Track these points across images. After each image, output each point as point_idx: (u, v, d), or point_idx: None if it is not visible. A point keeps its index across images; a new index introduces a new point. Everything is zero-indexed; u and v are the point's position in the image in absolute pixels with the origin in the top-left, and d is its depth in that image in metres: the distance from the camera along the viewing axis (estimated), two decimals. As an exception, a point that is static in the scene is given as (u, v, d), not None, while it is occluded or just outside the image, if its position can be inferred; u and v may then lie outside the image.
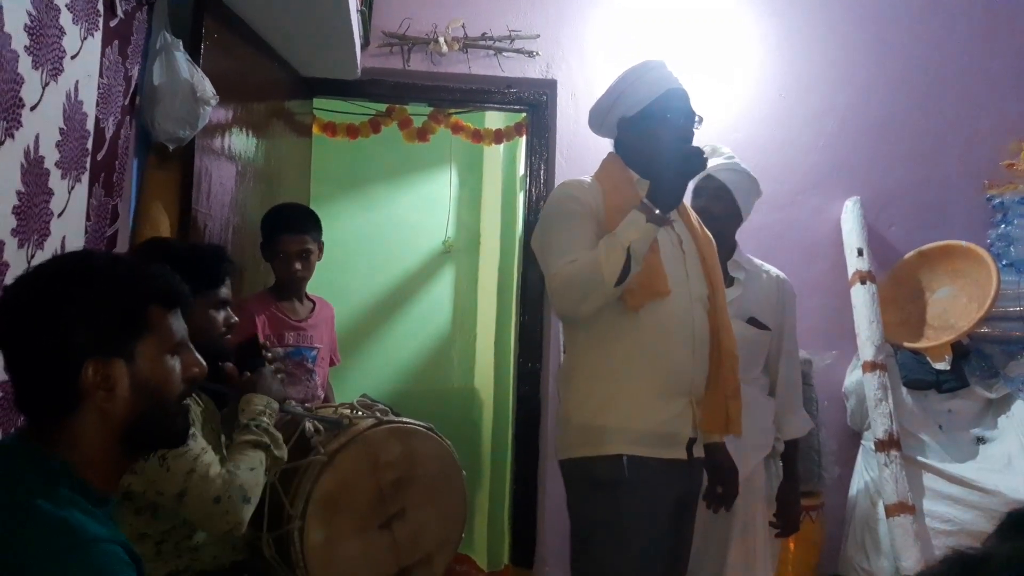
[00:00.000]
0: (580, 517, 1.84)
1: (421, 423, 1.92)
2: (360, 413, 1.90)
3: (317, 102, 3.50)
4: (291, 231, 2.50)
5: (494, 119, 4.10)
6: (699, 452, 1.89)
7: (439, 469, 1.91)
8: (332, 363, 2.78)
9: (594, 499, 1.78)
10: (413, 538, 1.85)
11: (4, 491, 0.96)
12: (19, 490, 0.96)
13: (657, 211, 1.73)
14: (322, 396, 2.61)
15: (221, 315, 1.75)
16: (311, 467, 1.74)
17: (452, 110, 3.75)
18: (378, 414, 1.89)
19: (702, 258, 1.94)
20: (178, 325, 1.10)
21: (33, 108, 1.47)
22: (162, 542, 1.56)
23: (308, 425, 1.84)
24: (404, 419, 1.91)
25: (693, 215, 2.04)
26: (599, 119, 1.99)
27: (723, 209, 2.30)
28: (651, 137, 1.87)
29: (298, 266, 2.50)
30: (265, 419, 1.64)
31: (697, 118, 1.92)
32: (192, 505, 1.48)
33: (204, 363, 1.15)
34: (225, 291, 1.77)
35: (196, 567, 1.59)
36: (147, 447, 1.13)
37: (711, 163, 2.26)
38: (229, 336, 1.79)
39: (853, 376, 3.25)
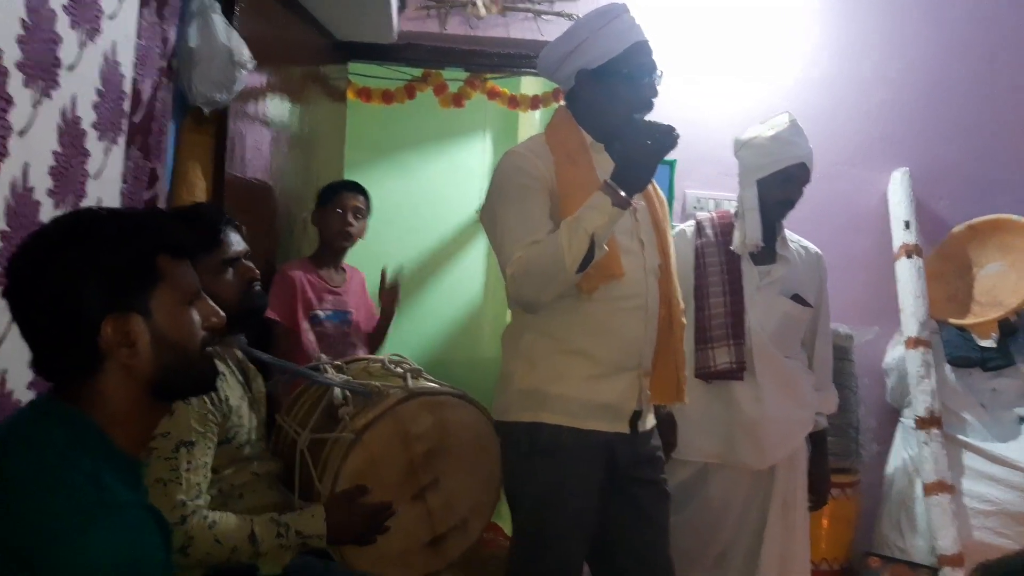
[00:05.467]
0: (517, 479, 1.79)
1: (452, 390, 1.89)
2: (394, 369, 1.87)
3: (352, 67, 3.47)
4: (351, 190, 2.72)
5: (531, 84, 4.03)
6: (644, 426, 1.83)
7: (472, 436, 1.86)
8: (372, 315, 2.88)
9: (532, 463, 1.75)
10: (447, 505, 1.82)
11: (33, 453, 0.96)
12: (48, 452, 0.96)
13: (623, 194, 1.61)
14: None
15: (231, 273, 1.63)
16: (339, 444, 1.70)
17: (489, 75, 3.69)
18: (408, 376, 1.85)
19: (655, 226, 1.84)
20: (190, 275, 1.08)
21: (71, 68, 1.46)
22: None
23: (337, 393, 1.80)
24: (435, 386, 1.89)
25: None
26: (553, 65, 1.81)
27: (800, 195, 2.24)
28: (614, 97, 1.73)
29: (351, 220, 2.68)
30: (293, 538, 1.52)
31: (658, 72, 1.78)
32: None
33: (222, 312, 1.13)
34: (232, 248, 1.64)
35: None
36: (177, 396, 1.13)
37: (800, 149, 2.18)
38: (257, 287, 1.69)
39: (895, 352, 3.18)
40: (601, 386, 1.74)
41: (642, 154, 1.62)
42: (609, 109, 1.75)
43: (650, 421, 1.87)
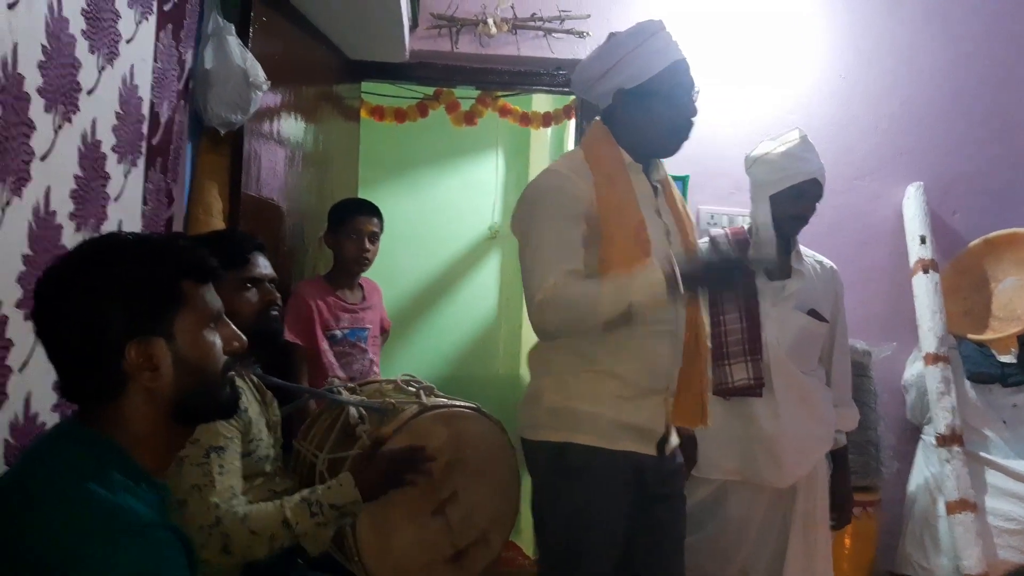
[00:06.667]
0: (545, 499, 1.78)
1: (466, 404, 1.89)
2: (407, 388, 1.88)
3: (365, 85, 3.49)
4: (366, 213, 2.70)
5: (542, 102, 4.05)
6: (670, 448, 1.82)
7: (487, 448, 1.87)
8: (383, 329, 2.91)
9: (562, 483, 1.73)
10: (467, 519, 1.82)
11: (57, 475, 0.97)
12: (72, 474, 0.96)
13: (681, 289, 1.60)
14: (377, 372, 2.69)
15: (254, 293, 1.68)
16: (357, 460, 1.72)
17: (500, 93, 3.70)
18: (422, 393, 1.86)
19: (686, 248, 1.81)
20: (213, 299, 1.09)
21: (90, 92, 1.47)
22: None
23: (353, 411, 1.82)
24: (448, 401, 1.89)
25: (676, 193, 1.87)
26: (588, 83, 1.80)
27: (813, 211, 2.23)
28: (653, 116, 1.73)
29: (368, 245, 2.68)
30: (328, 512, 1.52)
31: (696, 90, 1.78)
32: (187, 519, 1.42)
33: (244, 337, 1.14)
34: (258, 269, 1.70)
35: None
36: (198, 420, 1.13)
37: (811, 165, 2.18)
38: (275, 313, 1.73)
39: (914, 368, 3.15)
40: (631, 408, 1.72)
41: (710, 276, 1.64)
42: (648, 128, 1.75)
43: (674, 441, 1.86)
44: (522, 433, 1.81)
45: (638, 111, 1.74)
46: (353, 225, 2.66)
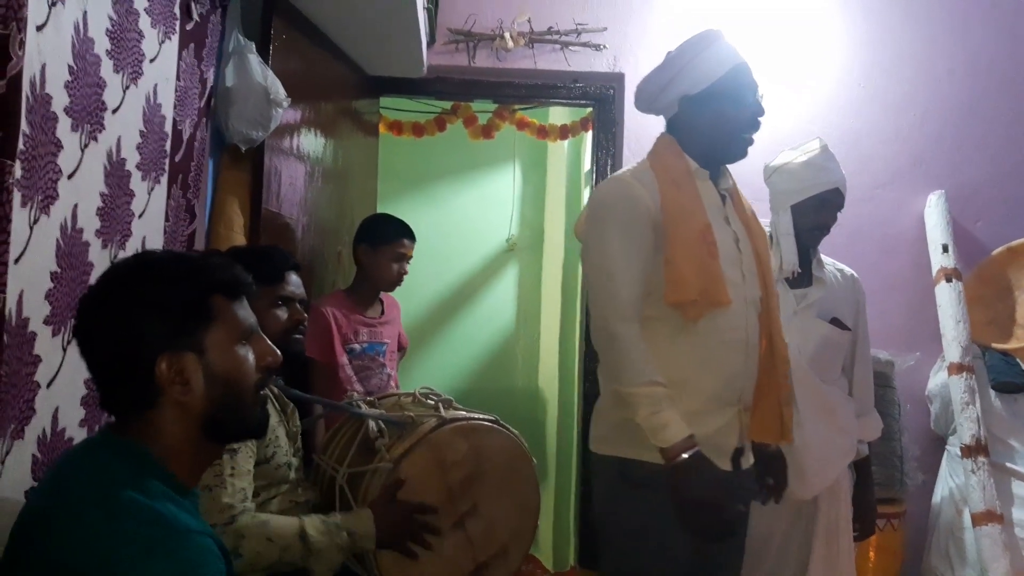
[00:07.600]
0: (608, 513, 1.78)
1: (485, 416, 1.89)
2: (425, 401, 1.89)
3: (383, 101, 3.52)
4: (409, 237, 2.74)
5: (559, 114, 4.06)
6: (747, 463, 1.80)
7: (507, 461, 1.87)
8: (401, 346, 2.92)
9: (624, 498, 1.72)
10: (487, 533, 1.82)
11: (95, 484, 0.98)
12: (109, 482, 0.97)
13: (669, 454, 1.60)
14: (395, 386, 2.70)
15: (283, 311, 1.73)
16: (377, 474, 1.72)
17: (517, 106, 3.72)
18: (440, 407, 1.87)
19: (757, 257, 1.81)
20: (245, 314, 1.10)
21: (115, 111, 1.50)
22: None
23: (372, 425, 1.82)
24: (467, 413, 1.89)
25: (747, 204, 1.88)
26: (651, 97, 1.83)
27: (834, 220, 2.23)
28: (720, 118, 1.74)
29: (406, 268, 2.73)
30: (344, 538, 1.56)
31: (760, 93, 1.80)
32: None
33: (278, 352, 1.14)
34: (290, 288, 1.76)
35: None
36: (228, 438, 1.14)
37: (833, 175, 2.18)
38: (300, 336, 1.78)
39: (938, 378, 3.11)
40: (699, 422, 1.68)
41: (690, 509, 1.62)
42: (717, 131, 1.76)
43: (751, 458, 1.82)
44: (590, 445, 1.82)
45: (705, 115, 1.76)
46: (395, 248, 2.67)
